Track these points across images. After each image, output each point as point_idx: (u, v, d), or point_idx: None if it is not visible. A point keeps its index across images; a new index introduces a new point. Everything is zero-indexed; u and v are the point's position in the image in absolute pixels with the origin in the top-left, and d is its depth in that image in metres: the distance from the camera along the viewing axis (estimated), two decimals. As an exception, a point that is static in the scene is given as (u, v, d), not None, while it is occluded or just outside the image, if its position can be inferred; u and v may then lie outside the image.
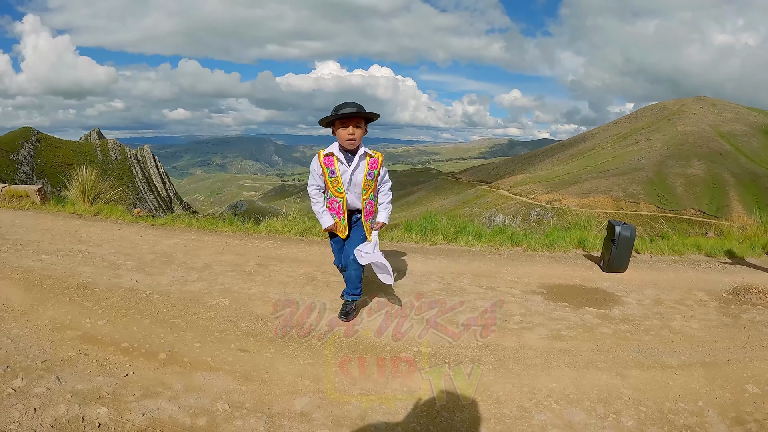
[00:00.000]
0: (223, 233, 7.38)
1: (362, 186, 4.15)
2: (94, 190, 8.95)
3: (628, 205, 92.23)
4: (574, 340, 4.19)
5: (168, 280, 5.09)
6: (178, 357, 3.52)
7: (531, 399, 3.27)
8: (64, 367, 3.28)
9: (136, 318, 4.12)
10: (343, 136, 4.00)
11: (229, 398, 3.07)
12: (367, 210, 4.26)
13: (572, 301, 5.09)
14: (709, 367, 3.80)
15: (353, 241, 4.31)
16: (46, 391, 2.99)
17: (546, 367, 3.70)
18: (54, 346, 3.56)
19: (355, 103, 4.02)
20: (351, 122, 3.97)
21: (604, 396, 3.34)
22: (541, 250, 7.14)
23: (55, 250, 5.94)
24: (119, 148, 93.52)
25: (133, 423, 2.77)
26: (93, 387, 3.08)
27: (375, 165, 4.17)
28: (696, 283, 5.84)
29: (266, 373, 3.38)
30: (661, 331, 4.45)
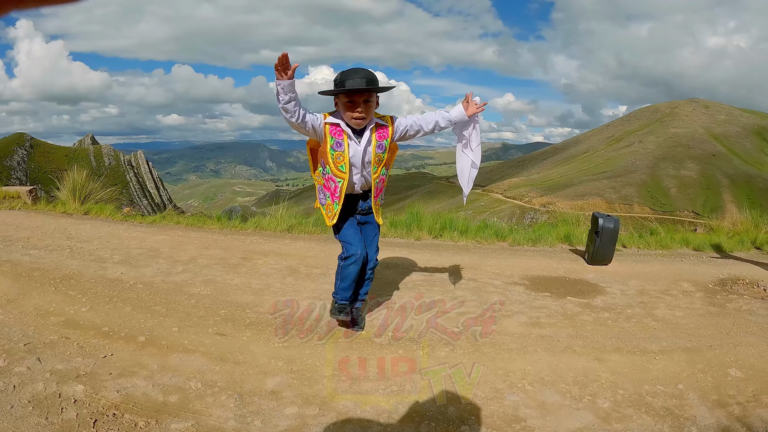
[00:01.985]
0: (210, 230, 7.47)
1: (372, 162, 3.51)
2: (84, 190, 9.03)
3: (622, 207, 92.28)
4: (554, 327, 4.19)
5: (153, 272, 5.18)
6: (157, 340, 3.61)
7: (505, 381, 3.27)
8: (45, 350, 3.38)
9: (118, 305, 4.22)
10: (350, 116, 3.34)
11: (202, 377, 3.15)
12: (378, 189, 3.67)
13: (554, 292, 5.09)
14: (691, 352, 3.81)
15: (371, 241, 3.84)
16: (26, 371, 3.08)
17: (522, 352, 3.70)
18: (37, 331, 3.65)
19: (365, 70, 3.31)
20: (360, 98, 3.29)
21: (580, 379, 3.35)
22: (527, 244, 7.16)
23: (44, 245, 6.02)
24: (113, 153, 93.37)
25: (107, 399, 2.86)
26: (72, 367, 3.17)
27: (385, 134, 3.50)
28: (682, 275, 5.84)
29: (241, 354, 3.47)
30: (643, 318, 4.46)
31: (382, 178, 3.67)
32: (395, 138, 3.59)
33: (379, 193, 3.71)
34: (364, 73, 3.29)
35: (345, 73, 3.31)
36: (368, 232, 3.83)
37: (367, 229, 3.83)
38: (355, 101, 3.30)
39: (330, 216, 3.66)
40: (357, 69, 3.30)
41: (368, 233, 3.83)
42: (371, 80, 3.29)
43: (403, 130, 3.59)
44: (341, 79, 3.30)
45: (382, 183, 3.71)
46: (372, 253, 3.85)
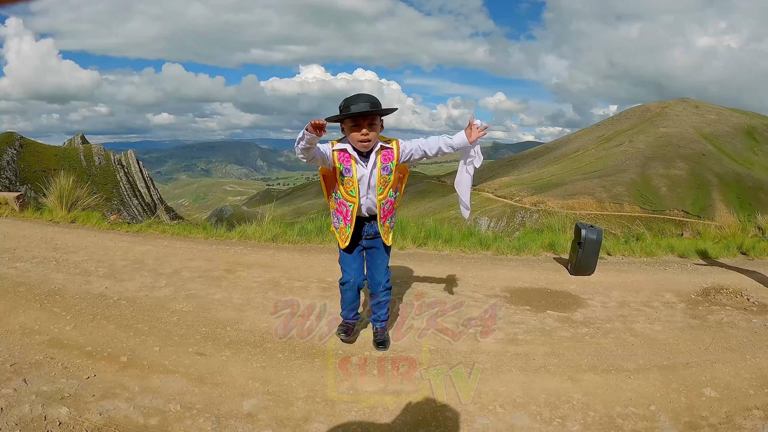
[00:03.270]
0: (196, 239, 7.52)
1: (377, 184, 3.63)
2: (71, 197, 9.06)
3: (612, 206, 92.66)
4: (530, 344, 4.20)
5: (136, 286, 5.23)
6: (138, 360, 3.67)
7: (476, 403, 3.30)
8: (31, 370, 3.44)
9: (102, 323, 4.27)
10: (356, 138, 3.47)
11: (181, 399, 3.22)
12: (385, 211, 3.74)
13: (535, 305, 5.08)
14: (667, 370, 3.81)
15: (378, 265, 3.94)
16: (13, 392, 3.15)
17: (496, 371, 3.72)
18: (23, 350, 3.71)
19: (369, 95, 3.48)
20: (364, 121, 3.45)
21: (552, 400, 3.36)
22: (510, 253, 7.17)
23: (30, 257, 6.07)
24: (103, 153, 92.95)
25: (91, 422, 2.93)
26: (56, 388, 3.24)
27: (390, 156, 3.62)
28: (665, 285, 5.87)
29: (220, 375, 3.53)
30: (621, 334, 4.46)
31: (390, 200, 3.75)
32: (401, 160, 3.70)
33: (386, 215, 3.78)
34: (367, 97, 3.45)
35: (349, 99, 3.46)
36: (375, 257, 3.94)
37: (374, 254, 3.93)
38: (359, 124, 3.45)
39: (343, 239, 3.79)
40: (360, 94, 3.46)
41: (375, 258, 3.94)
42: (374, 104, 3.45)
43: (408, 153, 3.70)
44: (346, 104, 3.46)
45: (390, 205, 3.78)
46: (380, 276, 3.96)
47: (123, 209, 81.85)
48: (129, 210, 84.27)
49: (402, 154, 3.67)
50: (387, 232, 3.84)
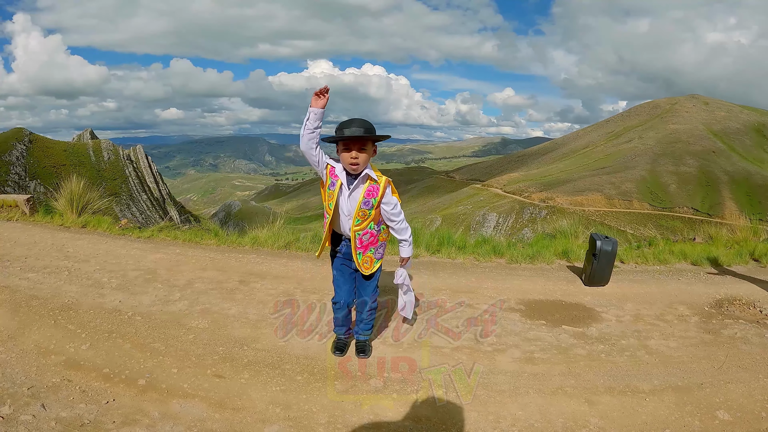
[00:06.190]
0: (207, 246, 7.50)
1: (354, 214, 3.72)
2: (82, 201, 9.03)
3: (621, 203, 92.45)
4: (547, 363, 4.20)
5: (150, 300, 5.20)
6: (157, 383, 3.64)
7: (495, 428, 3.30)
8: (49, 394, 3.41)
9: (117, 342, 4.24)
10: (346, 160, 3.60)
11: (202, 426, 3.19)
12: (363, 242, 3.82)
13: (550, 319, 5.10)
14: (681, 391, 3.80)
15: (366, 285, 4.03)
16: (32, 419, 3.12)
17: (514, 394, 3.72)
18: (39, 372, 3.68)
19: (362, 120, 3.59)
20: (355, 145, 3.56)
21: (569, 425, 3.36)
22: (524, 261, 7.17)
23: (42, 266, 6.04)
24: (112, 148, 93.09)
25: (111, 452, 2.90)
26: (75, 414, 3.21)
27: (374, 192, 3.70)
28: (678, 296, 5.85)
29: (239, 400, 3.50)
30: (636, 351, 4.45)
31: (371, 232, 3.83)
32: (385, 202, 3.78)
33: (365, 246, 3.85)
34: (360, 122, 3.58)
35: (344, 123, 3.61)
36: (361, 279, 4.03)
37: (360, 276, 4.01)
38: (350, 147, 3.58)
39: (320, 247, 4.08)
40: (355, 119, 3.59)
41: (362, 279, 4.03)
42: (367, 129, 3.57)
43: (386, 205, 3.79)
44: (341, 127, 3.60)
45: (372, 238, 3.85)
46: (366, 296, 4.07)
47: (132, 204, 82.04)
48: (138, 205, 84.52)
49: (384, 197, 3.76)
50: (367, 262, 3.91)
